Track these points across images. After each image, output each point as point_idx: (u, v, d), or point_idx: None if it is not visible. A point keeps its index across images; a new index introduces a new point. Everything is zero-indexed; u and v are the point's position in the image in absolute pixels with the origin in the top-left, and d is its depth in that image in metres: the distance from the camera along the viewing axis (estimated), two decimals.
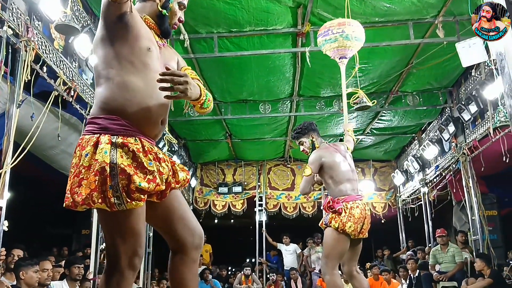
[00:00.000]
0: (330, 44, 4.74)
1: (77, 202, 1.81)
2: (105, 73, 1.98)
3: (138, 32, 2.01)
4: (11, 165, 3.80)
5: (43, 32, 4.55)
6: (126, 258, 1.86)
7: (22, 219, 8.16)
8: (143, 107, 1.96)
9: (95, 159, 1.82)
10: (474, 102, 6.89)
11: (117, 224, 1.87)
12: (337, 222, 3.96)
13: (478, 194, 7.44)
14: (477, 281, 6.63)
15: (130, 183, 1.81)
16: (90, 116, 1.99)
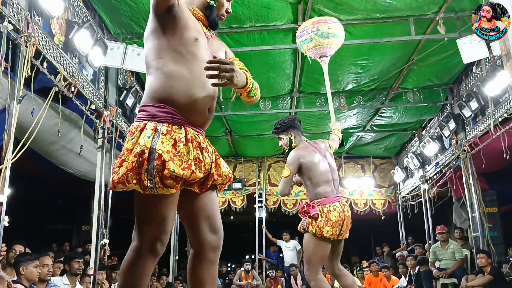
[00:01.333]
0: (307, 45, 4.67)
1: (114, 180, 1.90)
2: (155, 63, 2.06)
3: (186, 24, 2.08)
4: (12, 160, 3.80)
5: (43, 28, 4.54)
6: (148, 241, 1.91)
7: (23, 215, 8.16)
8: (190, 96, 2.03)
9: (138, 142, 1.91)
10: (475, 98, 6.88)
11: (146, 207, 1.93)
12: (314, 228, 3.87)
13: (478, 191, 7.44)
14: (477, 278, 6.64)
15: (164, 169, 1.85)
16: (141, 105, 2.07)
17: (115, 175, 1.89)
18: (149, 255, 1.92)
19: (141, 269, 1.91)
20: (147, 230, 1.92)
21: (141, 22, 6.02)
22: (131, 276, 1.90)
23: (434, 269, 7.50)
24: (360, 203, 11.91)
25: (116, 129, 6.34)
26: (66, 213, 11.36)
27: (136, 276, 1.90)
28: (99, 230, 5.79)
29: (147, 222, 1.93)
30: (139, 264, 1.90)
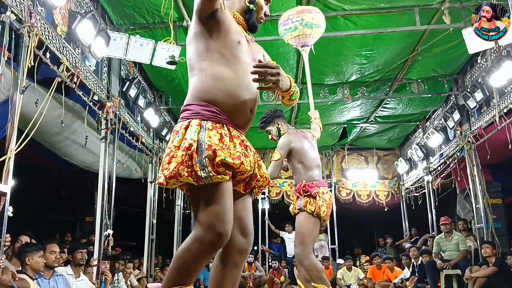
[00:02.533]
0: (290, 33, 4.66)
1: (166, 176, 1.93)
2: (199, 65, 2.12)
3: (229, 27, 2.15)
4: (15, 151, 3.79)
5: (46, 18, 4.51)
6: (207, 230, 1.90)
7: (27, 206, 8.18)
8: (233, 96, 2.08)
9: (184, 138, 1.95)
10: (479, 89, 6.84)
11: (203, 198, 1.95)
12: (312, 206, 3.94)
13: (482, 182, 7.42)
14: (481, 269, 6.64)
15: (215, 157, 1.90)
16: (184, 104, 2.13)
17: (166, 171, 1.93)
18: (210, 245, 1.91)
19: (198, 257, 1.91)
20: (206, 220, 1.92)
21: (143, 13, 5.99)
22: (186, 262, 1.90)
23: (438, 260, 7.50)
24: (364, 195, 11.90)
25: (119, 120, 6.33)
26: (70, 204, 11.39)
27: (191, 264, 1.91)
28: (103, 221, 5.80)
29: (206, 212, 1.93)
30: (196, 252, 1.90)
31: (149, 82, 7.97)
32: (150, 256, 7.79)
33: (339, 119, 9.74)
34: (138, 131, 7.31)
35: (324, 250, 10.61)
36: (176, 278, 1.90)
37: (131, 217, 10.88)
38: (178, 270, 1.91)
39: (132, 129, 6.97)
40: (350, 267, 9.54)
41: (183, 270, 1.90)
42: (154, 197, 8.14)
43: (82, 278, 5.04)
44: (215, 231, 1.89)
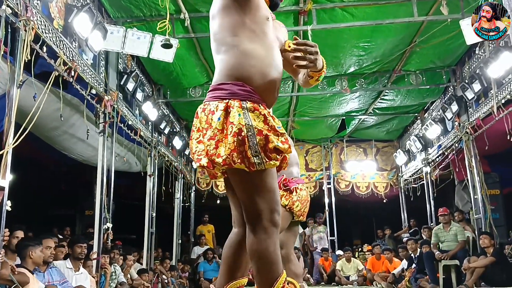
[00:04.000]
0: None
1: (217, 163, 1.87)
2: (230, 40, 2.02)
3: (258, 2, 2.07)
4: (13, 145, 3.79)
5: (42, 12, 4.50)
6: (267, 216, 1.90)
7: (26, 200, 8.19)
8: (265, 75, 2.01)
9: (230, 122, 1.87)
10: (478, 80, 6.83)
11: (256, 184, 1.92)
12: (287, 200, 3.96)
13: (480, 173, 7.44)
14: (479, 259, 6.67)
15: (268, 143, 1.86)
16: (216, 83, 2.02)
17: (215, 157, 1.86)
18: (272, 228, 1.91)
19: (273, 243, 1.90)
20: (263, 206, 1.91)
21: (140, 6, 5.97)
22: (268, 253, 1.88)
23: (436, 251, 7.53)
24: (362, 187, 11.93)
25: (117, 113, 6.32)
26: (69, 198, 11.41)
27: (272, 252, 1.89)
28: (102, 215, 5.81)
29: (260, 199, 1.91)
30: (269, 240, 1.89)
31: (147, 75, 7.95)
32: (150, 249, 7.81)
33: (338, 111, 9.74)
34: (136, 125, 7.30)
35: (323, 241, 10.65)
36: (270, 272, 1.89)
37: (130, 210, 10.90)
38: (268, 264, 1.89)
39: (130, 122, 6.97)
40: (350, 258, 9.59)
41: (270, 261, 1.89)
42: (153, 190, 8.15)
43: (82, 271, 5.06)
44: (275, 214, 1.92)
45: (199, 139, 1.96)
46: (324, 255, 10.01)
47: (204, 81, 8.32)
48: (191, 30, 6.37)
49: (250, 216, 1.93)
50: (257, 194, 1.92)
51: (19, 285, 3.74)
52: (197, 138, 1.97)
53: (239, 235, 2.10)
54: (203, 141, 1.94)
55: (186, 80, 8.13)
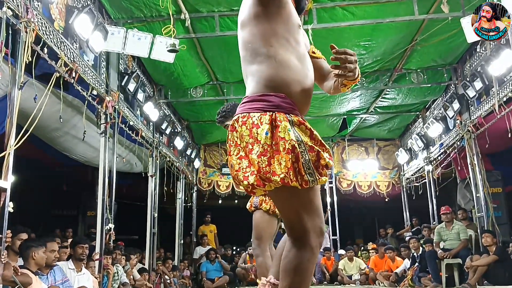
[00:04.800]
0: None
1: (274, 181, 1.78)
2: (265, 50, 1.94)
3: (290, 9, 2.01)
4: (14, 147, 3.80)
5: (43, 13, 4.50)
6: (314, 235, 1.85)
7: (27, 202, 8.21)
8: (302, 85, 1.95)
9: (281, 137, 1.79)
10: (479, 78, 6.82)
11: (305, 201, 1.86)
12: (267, 204, 3.95)
13: (482, 171, 7.42)
14: (481, 257, 6.66)
15: (319, 159, 1.82)
16: (255, 93, 1.93)
17: (274, 176, 1.77)
18: (317, 248, 1.86)
19: (313, 264, 1.87)
20: (312, 224, 1.86)
21: (141, 6, 5.97)
22: (306, 273, 1.83)
23: (439, 250, 7.52)
24: (364, 186, 11.92)
25: (118, 114, 6.33)
26: (71, 199, 11.42)
27: (309, 272, 1.86)
28: (104, 216, 5.82)
29: (309, 217, 1.86)
30: (311, 259, 1.85)
31: (148, 76, 7.96)
32: (152, 249, 7.82)
33: (339, 110, 9.73)
34: (137, 125, 7.31)
35: (325, 241, 10.63)
36: None
37: (132, 211, 10.92)
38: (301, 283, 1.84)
39: (131, 123, 6.97)
40: (352, 257, 9.58)
41: (304, 281, 1.84)
42: (155, 190, 8.15)
43: (84, 272, 5.06)
44: (321, 233, 1.88)
45: (239, 155, 1.88)
46: (326, 255, 10.00)
47: (205, 81, 8.32)
48: (191, 30, 6.38)
49: (296, 233, 1.87)
50: (305, 211, 1.86)
51: (21, 286, 3.74)
52: (237, 154, 1.89)
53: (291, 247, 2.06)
54: (250, 157, 1.85)
55: (187, 81, 8.13)
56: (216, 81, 8.38)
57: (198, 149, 11.65)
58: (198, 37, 6.66)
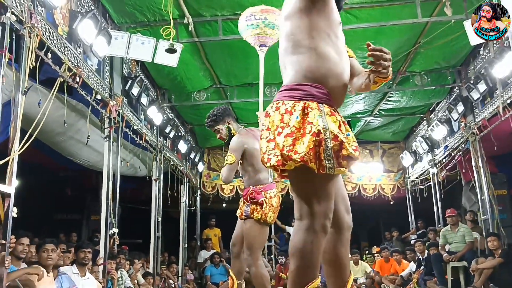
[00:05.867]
0: (252, 30, 4.63)
1: (293, 159, 1.87)
2: (307, 42, 2.05)
3: (332, 6, 2.11)
4: (19, 152, 3.81)
5: (47, 18, 4.52)
6: (320, 220, 1.92)
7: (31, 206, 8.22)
8: (339, 78, 2.06)
9: (309, 122, 1.90)
10: (483, 80, 6.80)
11: (318, 187, 1.94)
12: (259, 213, 3.93)
13: (487, 174, 7.39)
14: (487, 260, 6.63)
15: (341, 149, 1.89)
16: (292, 83, 2.04)
17: (293, 154, 1.86)
18: (321, 234, 1.93)
19: (318, 247, 1.92)
20: (319, 209, 1.93)
21: (144, 11, 5.99)
22: (310, 255, 1.90)
23: (444, 253, 7.48)
24: (369, 188, 11.88)
25: (122, 118, 6.34)
26: (76, 203, 11.45)
27: (315, 255, 1.91)
28: (108, 220, 5.82)
29: (318, 202, 1.93)
30: (315, 242, 1.91)
31: (152, 80, 7.98)
32: (156, 253, 7.82)
33: (343, 113, 9.66)
34: (141, 129, 7.32)
35: None
36: (306, 274, 1.91)
37: (136, 215, 10.93)
38: (308, 267, 1.91)
39: (135, 127, 6.98)
40: (357, 261, 9.53)
41: (310, 263, 1.91)
42: (159, 194, 8.16)
43: (88, 276, 5.06)
44: (327, 220, 1.94)
45: (269, 138, 1.98)
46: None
47: (208, 84, 8.33)
48: (195, 34, 6.39)
49: (303, 216, 1.95)
50: (316, 196, 1.94)
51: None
52: (267, 137, 1.99)
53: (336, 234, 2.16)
54: (275, 140, 1.94)
55: (191, 84, 8.14)
56: (219, 85, 8.39)
57: (202, 152, 11.64)
58: (201, 41, 6.67)
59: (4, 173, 3.68)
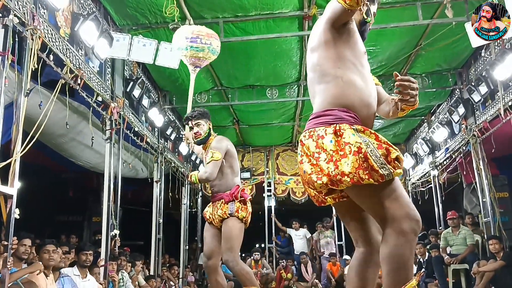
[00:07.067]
0: (195, 51, 4.69)
1: (344, 181, 1.95)
2: (333, 72, 2.15)
3: (357, 37, 2.23)
4: (21, 153, 3.82)
5: (49, 20, 4.53)
6: (405, 220, 1.95)
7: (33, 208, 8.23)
8: (366, 104, 2.15)
9: (346, 143, 1.98)
10: (484, 83, 6.80)
11: (387, 193, 1.99)
12: (244, 211, 4.01)
13: (489, 176, 7.38)
14: (488, 263, 6.62)
15: (389, 154, 1.97)
16: (321, 110, 2.16)
17: (343, 177, 1.92)
18: (411, 234, 1.96)
19: (410, 248, 1.96)
20: (402, 212, 1.96)
21: (146, 13, 6.00)
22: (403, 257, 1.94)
23: (445, 255, 7.47)
24: None
25: (123, 120, 6.35)
26: (77, 205, 11.46)
27: (407, 257, 1.95)
28: (109, 221, 5.82)
29: (397, 205, 1.97)
30: (406, 244, 1.94)
31: (153, 82, 7.99)
32: (157, 255, 7.82)
33: None
34: (143, 131, 7.33)
35: (330, 246, 10.61)
36: (402, 277, 1.93)
37: (138, 216, 10.94)
38: (399, 269, 1.93)
39: (136, 129, 6.99)
40: None
41: (404, 266, 1.93)
42: (160, 196, 8.17)
43: (89, 278, 5.06)
44: (414, 219, 1.96)
45: (311, 162, 2.05)
46: (332, 260, 9.96)
47: (210, 86, 8.34)
48: None
49: (387, 223, 1.97)
50: (390, 201, 1.98)
51: None
52: (309, 162, 2.07)
53: (366, 254, 2.18)
54: (319, 164, 2.02)
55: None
56: (220, 87, 8.40)
57: None
58: None
59: (6, 174, 3.68)
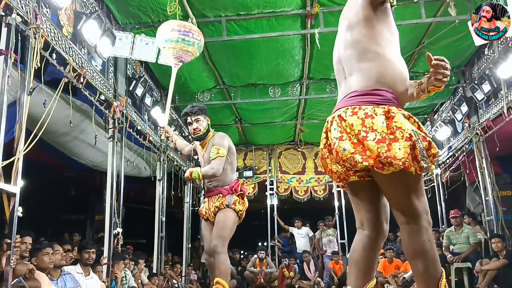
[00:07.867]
0: (184, 44, 4.65)
1: (395, 164, 1.93)
2: (375, 48, 2.15)
3: (392, 16, 2.26)
4: (24, 152, 3.83)
5: (52, 19, 4.54)
6: (426, 217, 2.05)
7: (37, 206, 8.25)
8: (404, 83, 2.18)
9: (398, 127, 1.97)
10: (487, 81, 6.79)
11: (416, 186, 2.05)
12: (241, 205, 4.11)
13: (492, 175, 7.37)
14: (491, 261, 6.61)
15: (430, 148, 2.00)
16: (367, 88, 2.12)
17: (392, 160, 1.92)
18: (429, 228, 2.06)
19: (434, 241, 2.07)
20: (423, 207, 2.04)
21: (148, 12, 6.01)
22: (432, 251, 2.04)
23: (448, 254, 7.46)
24: None
25: (126, 119, 6.36)
26: (80, 203, 11.49)
27: (435, 250, 2.06)
28: (112, 220, 5.84)
29: (419, 200, 2.04)
30: (431, 238, 2.05)
31: (156, 80, 8.00)
32: (160, 253, 7.84)
33: None
34: (145, 130, 7.34)
35: (332, 245, 10.61)
36: (436, 270, 2.03)
37: (140, 215, 10.95)
38: (432, 262, 2.03)
39: (139, 127, 7.00)
40: None
41: (435, 258, 2.04)
42: (163, 194, 8.18)
43: (92, 276, 5.08)
44: (428, 215, 2.07)
45: (352, 141, 2.03)
46: (335, 258, 9.96)
47: (212, 85, 8.34)
48: None
49: (408, 216, 2.05)
50: (416, 196, 2.04)
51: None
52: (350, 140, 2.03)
53: (371, 238, 2.22)
54: (365, 143, 2.00)
55: (194, 85, 8.16)
56: (223, 85, 8.40)
57: None
58: (205, 42, 6.66)
59: (9, 173, 3.70)
